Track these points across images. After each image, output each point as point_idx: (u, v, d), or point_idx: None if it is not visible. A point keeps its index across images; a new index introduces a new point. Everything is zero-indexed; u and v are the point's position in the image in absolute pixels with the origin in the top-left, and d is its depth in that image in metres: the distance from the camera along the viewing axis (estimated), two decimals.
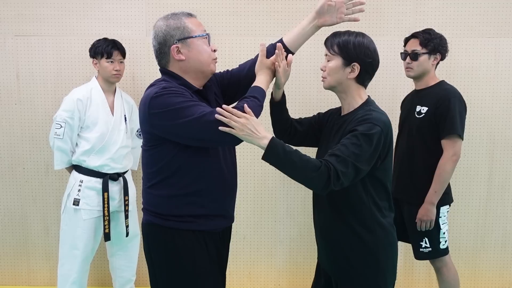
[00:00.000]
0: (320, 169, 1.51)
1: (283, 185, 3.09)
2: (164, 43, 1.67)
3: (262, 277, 3.19)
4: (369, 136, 1.56)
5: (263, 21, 2.98)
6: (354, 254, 1.69)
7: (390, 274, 1.73)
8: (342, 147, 1.55)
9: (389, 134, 1.65)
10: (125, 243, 2.77)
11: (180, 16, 1.68)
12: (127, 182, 2.68)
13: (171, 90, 1.58)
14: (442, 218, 2.42)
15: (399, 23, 2.98)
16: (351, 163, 1.53)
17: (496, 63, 3.01)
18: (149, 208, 1.73)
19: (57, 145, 2.55)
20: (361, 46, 1.65)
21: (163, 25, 1.67)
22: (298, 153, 1.55)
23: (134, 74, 3.01)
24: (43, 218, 3.12)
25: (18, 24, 2.97)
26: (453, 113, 2.31)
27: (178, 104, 1.54)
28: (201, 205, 1.68)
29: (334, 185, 1.53)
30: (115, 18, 2.97)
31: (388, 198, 1.72)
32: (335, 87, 1.72)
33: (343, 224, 1.69)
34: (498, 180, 3.10)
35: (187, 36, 1.64)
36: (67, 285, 2.57)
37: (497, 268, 3.17)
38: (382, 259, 1.69)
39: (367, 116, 1.62)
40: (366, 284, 1.70)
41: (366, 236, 1.66)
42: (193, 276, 1.69)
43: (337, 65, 1.67)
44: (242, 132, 1.54)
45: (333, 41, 1.69)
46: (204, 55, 1.68)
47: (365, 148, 1.55)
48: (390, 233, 1.72)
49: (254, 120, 1.56)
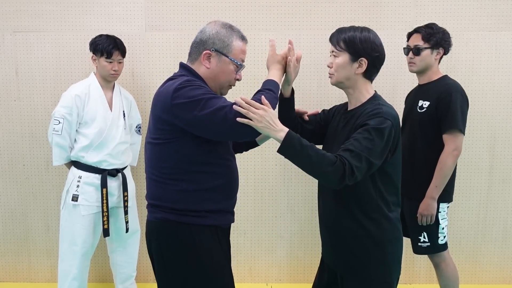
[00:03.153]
0: (336, 164, 1.51)
1: (283, 181, 3.08)
2: (204, 43, 1.69)
3: (263, 272, 3.19)
4: (381, 130, 1.57)
5: (263, 15, 2.97)
6: (359, 247, 1.68)
7: (395, 269, 1.73)
8: (355, 141, 1.55)
9: (398, 128, 1.65)
10: (125, 239, 2.77)
11: (233, 33, 1.70)
12: (126, 178, 2.67)
13: (194, 83, 1.61)
14: (442, 213, 2.41)
15: (400, 17, 2.96)
16: (364, 158, 1.54)
17: (497, 57, 2.99)
18: (163, 204, 1.68)
19: (55, 141, 2.54)
20: (367, 41, 1.65)
21: (215, 29, 1.69)
22: (314, 147, 1.55)
23: (134, 70, 3.00)
24: (43, 214, 3.12)
25: (16, 20, 2.96)
26: (454, 108, 2.30)
27: (200, 96, 1.56)
28: (218, 201, 1.69)
29: (348, 180, 1.53)
30: (114, 14, 2.96)
31: (396, 193, 1.72)
32: (343, 83, 1.72)
33: (349, 217, 1.69)
34: (499, 175, 3.09)
35: (224, 53, 1.68)
36: (68, 281, 2.57)
37: (498, 262, 3.17)
38: (388, 253, 1.68)
39: (378, 110, 1.62)
40: (371, 277, 1.69)
41: (372, 229, 1.66)
42: (210, 272, 1.68)
43: (344, 61, 1.67)
44: (260, 123, 1.54)
45: (339, 37, 1.68)
46: (224, 76, 1.71)
47: (377, 143, 1.56)
48: (397, 228, 1.71)
49: (272, 112, 1.57)
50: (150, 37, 2.97)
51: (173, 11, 2.96)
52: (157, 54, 2.96)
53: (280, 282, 3.19)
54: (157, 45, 2.96)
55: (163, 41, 2.94)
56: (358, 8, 2.96)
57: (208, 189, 1.66)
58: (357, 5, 2.95)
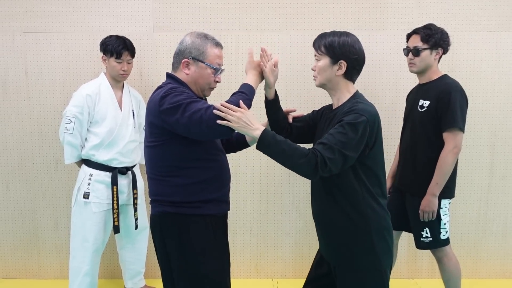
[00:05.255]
0: (308, 156, 1.64)
1: (288, 178, 3.14)
2: (182, 53, 1.88)
3: (269, 268, 3.25)
4: (354, 125, 1.68)
5: (269, 16, 3.02)
6: (348, 237, 1.79)
7: (385, 257, 1.81)
8: (329, 136, 1.68)
9: (375, 123, 1.75)
10: (134, 235, 2.83)
11: (208, 41, 1.88)
12: (136, 176, 2.73)
13: (176, 90, 1.80)
14: (443, 209, 2.47)
15: (402, 18, 3.02)
16: (337, 150, 1.64)
17: (498, 57, 3.05)
18: (162, 198, 1.87)
19: (67, 140, 2.59)
20: (345, 45, 1.78)
21: (190, 39, 1.88)
22: (288, 142, 1.68)
23: (142, 70, 3.05)
24: (53, 212, 3.17)
25: (26, 21, 3.01)
26: (454, 107, 2.35)
27: (181, 101, 1.74)
28: (210, 192, 1.87)
29: (322, 171, 1.64)
30: (122, 15, 3.01)
31: (380, 184, 1.81)
32: (326, 85, 1.85)
33: (337, 210, 1.80)
34: (499, 171, 3.15)
35: (200, 60, 1.87)
36: (79, 277, 2.62)
37: (499, 257, 3.24)
38: (376, 242, 1.77)
39: (353, 107, 1.74)
40: (362, 267, 1.79)
41: (359, 220, 1.77)
42: (204, 258, 1.85)
43: (325, 64, 1.80)
44: (238, 124, 1.71)
45: (320, 42, 1.82)
46: (203, 80, 1.89)
47: (351, 136, 1.66)
48: (383, 217, 1.81)
49: (248, 113, 1.73)
50: (157, 38, 3.03)
51: (180, 12, 3.01)
52: (164, 54, 3.01)
53: (285, 278, 3.26)
54: (164, 46, 3.02)
55: (171, 41, 2.99)
56: (361, 9, 3.02)
57: (201, 181, 1.84)
58: (361, 6, 3.01)
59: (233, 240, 3.13)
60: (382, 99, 3.08)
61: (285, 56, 3.02)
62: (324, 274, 1.95)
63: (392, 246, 1.84)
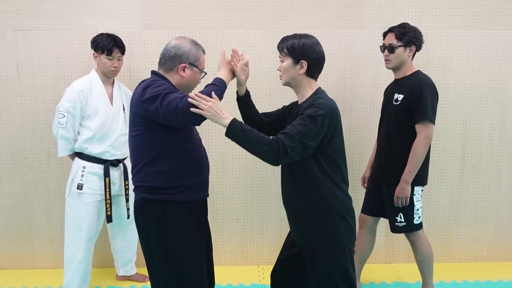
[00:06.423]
0: (271, 144, 1.83)
1: (273, 169, 3.25)
2: (179, 57, 2.02)
3: (255, 255, 3.39)
4: (314, 117, 1.86)
5: (252, 14, 3.15)
6: (314, 219, 1.98)
7: (348, 235, 2.02)
8: (291, 127, 1.87)
9: (334, 116, 1.93)
10: (125, 225, 2.95)
11: (199, 49, 2.08)
12: (127, 167, 2.83)
13: (157, 82, 1.96)
14: (416, 196, 2.64)
15: (378, 16, 3.18)
16: (297, 140, 1.83)
17: (468, 53, 3.23)
18: (142, 184, 2.00)
19: (60, 134, 2.70)
20: (305, 46, 1.96)
21: (187, 46, 2.04)
22: (253, 131, 1.86)
23: (131, 67, 3.15)
24: (45, 204, 3.26)
25: (17, 19, 3.09)
26: (425, 100, 2.52)
27: (160, 91, 1.89)
28: (188, 178, 2.00)
29: (283, 158, 1.83)
30: (112, 13, 3.10)
31: (341, 171, 2.01)
32: (290, 83, 2.03)
33: (303, 196, 1.99)
34: (470, 162, 3.34)
35: (195, 65, 2.05)
36: (74, 264, 2.72)
37: (470, 242, 3.44)
38: (338, 222, 1.98)
39: (314, 102, 1.94)
40: (327, 244, 1.99)
41: (323, 204, 1.97)
42: (181, 243, 1.98)
43: (288, 64, 1.99)
44: (209, 113, 1.86)
45: (283, 45, 2.01)
46: (193, 82, 2.09)
47: (310, 127, 1.85)
48: (345, 201, 2.01)
49: (219, 103, 1.88)
50: (146, 35, 3.14)
51: (168, 11, 3.12)
52: (152, 51, 3.11)
53: (270, 264, 3.33)
54: (152, 43, 3.12)
55: (159, 39, 3.09)
56: (340, 8, 3.17)
57: (179, 167, 1.98)
58: (340, 5, 3.16)
59: (220, 229, 3.27)
60: (361, 93, 3.24)
61: (268, 53, 3.14)
62: (293, 254, 2.14)
63: (354, 226, 2.05)
